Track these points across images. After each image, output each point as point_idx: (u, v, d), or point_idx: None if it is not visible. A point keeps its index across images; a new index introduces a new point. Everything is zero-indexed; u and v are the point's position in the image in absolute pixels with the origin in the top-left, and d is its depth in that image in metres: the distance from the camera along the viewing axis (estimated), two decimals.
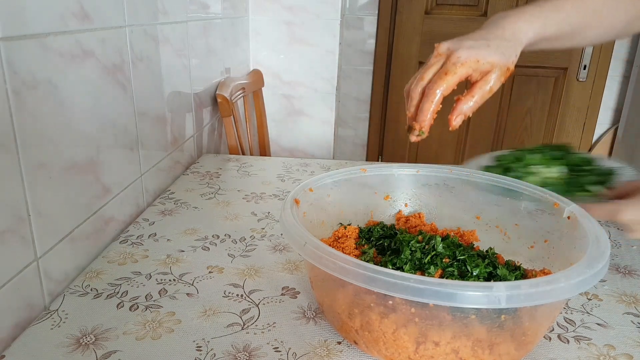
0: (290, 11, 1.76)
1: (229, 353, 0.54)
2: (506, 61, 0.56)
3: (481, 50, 0.55)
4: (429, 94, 0.55)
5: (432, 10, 2.01)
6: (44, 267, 0.63)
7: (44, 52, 0.61)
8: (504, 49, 0.56)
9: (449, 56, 0.56)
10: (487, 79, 0.55)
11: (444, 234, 0.66)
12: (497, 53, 0.55)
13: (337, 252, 0.48)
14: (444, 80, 0.55)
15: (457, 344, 0.48)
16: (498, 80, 0.56)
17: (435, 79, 0.55)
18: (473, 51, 0.55)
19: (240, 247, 0.78)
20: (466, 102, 0.56)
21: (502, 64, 0.55)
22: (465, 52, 0.55)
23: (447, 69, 0.55)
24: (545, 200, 0.65)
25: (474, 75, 0.56)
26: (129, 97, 0.85)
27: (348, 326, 0.54)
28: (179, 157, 1.12)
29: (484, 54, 0.55)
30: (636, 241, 0.84)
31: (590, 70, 2.02)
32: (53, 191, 0.64)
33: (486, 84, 0.55)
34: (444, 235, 0.63)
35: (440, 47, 0.57)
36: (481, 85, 0.56)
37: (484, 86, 0.56)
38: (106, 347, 0.55)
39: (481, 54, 0.55)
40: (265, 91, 1.84)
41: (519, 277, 0.58)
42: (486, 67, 0.55)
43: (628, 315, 0.63)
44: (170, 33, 1.03)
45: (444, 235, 0.64)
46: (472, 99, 0.56)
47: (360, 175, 0.73)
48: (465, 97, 0.56)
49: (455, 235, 0.65)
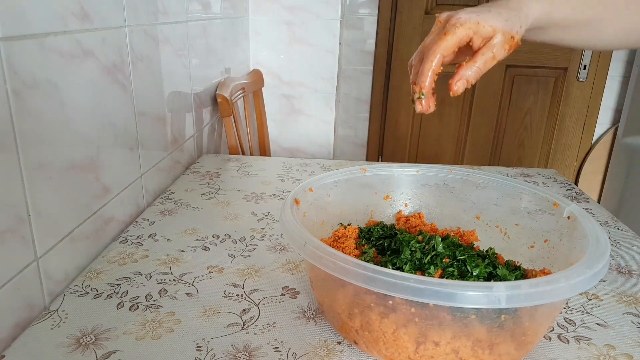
0: (290, 11, 1.76)
1: (229, 353, 0.54)
2: (510, 29, 0.54)
3: (482, 14, 0.53)
4: (428, 55, 0.54)
5: (432, 10, 2.01)
6: (44, 267, 0.63)
7: (44, 52, 0.61)
8: (507, 16, 0.54)
9: (449, 19, 0.55)
10: (490, 44, 0.54)
11: (444, 234, 0.66)
12: (499, 19, 0.53)
13: (337, 252, 0.48)
14: (443, 40, 0.53)
15: (457, 344, 0.48)
16: (502, 48, 0.54)
17: (435, 40, 0.54)
18: (473, 14, 0.53)
19: (240, 247, 0.78)
20: (469, 68, 0.54)
21: (506, 31, 0.54)
22: (465, 15, 0.54)
23: (446, 30, 0.54)
24: (545, 200, 0.65)
25: (476, 41, 0.54)
26: (129, 97, 0.85)
27: (348, 326, 0.54)
28: (179, 157, 1.12)
29: (484, 17, 0.53)
30: (636, 241, 0.85)
31: (590, 70, 2.02)
32: (53, 191, 0.64)
33: (489, 50, 0.54)
34: (444, 235, 0.63)
35: (440, 15, 0.56)
36: (484, 52, 0.54)
37: (486, 52, 0.54)
38: (106, 347, 0.55)
39: (482, 17, 0.53)
40: (265, 91, 1.84)
41: (519, 277, 0.58)
42: (488, 32, 0.53)
43: (628, 315, 0.63)
44: (170, 33, 1.03)
45: (444, 235, 0.64)
46: (475, 64, 0.54)
47: (360, 175, 0.73)
48: (468, 63, 0.55)
49: (455, 236, 0.65)
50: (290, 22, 1.77)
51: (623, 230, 0.89)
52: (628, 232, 0.88)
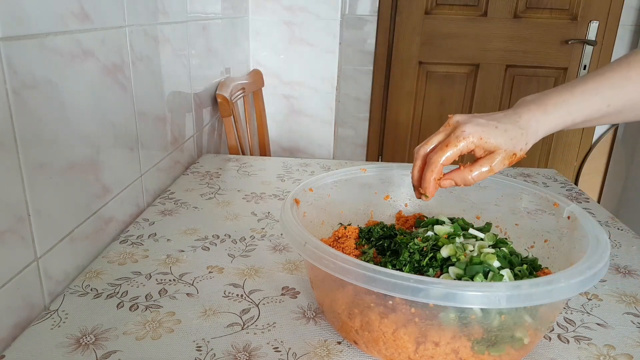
0: (290, 11, 1.76)
1: (229, 353, 0.54)
2: (513, 147, 0.54)
3: (487, 129, 0.54)
4: (430, 164, 0.55)
5: (432, 10, 2.01)
6: (44, 267, 0.63)
7: (44, 52, 0.61)
8: (513, 135, 0.54)
9: (456, 128, 0.55)
10: (490, 158, 0.55)
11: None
12: (503, 136, 0.54)
13: (337, 252, 0.48)
14: (444, 152, 0.54)
15: (457, 344, 0.48)
16: (501, 163, 0.55)
17: (437, 149, 0.55)
18: (479, 128, 0.54)
19: (240, 247, 0.78)
20: (462, 176, 0.56)
21: (508, 149, 0.54)
22: (471, 128, 0.54)
23: (449, 140, 0.55)
24: (545, 200, 0.65)
25: (478, 152, 0.55)
26: (129, 97, 0.85)
27: (348, 326, 0.54)
28: (179, 157, 1.12)
29: (488, 134, 0.54)
30: (636, 241, 0.84)
31: (590, 70, 2.02)
32: (53, 191, 0.64)
33: (488, 163, 0.55)
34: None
35: (451, 119, 0.57)
36: (482, 163, 0.55)
37: (485, 164, 0.55)
38: (106, 347, 0.55)
39: (486, 133, 0.54)
40: (265, 91, 1.84)
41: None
42: (490, 147, 0.54)
43: (628, 315, 0.63)
44: (170, 33, 1.03)
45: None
46: (470, 174, 0.55)
47: (360, 175, 0.73)
48: (463, 171, 0.56)
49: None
50: (290, 22, 1.77)
51: (623, 230, 0.89)
52: (628, 232, 0.88)
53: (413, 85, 2.10)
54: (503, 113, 0.57)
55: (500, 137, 0.54)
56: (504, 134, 0.54)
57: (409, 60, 2.07)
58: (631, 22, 1.98)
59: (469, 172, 0.56)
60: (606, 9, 1.95)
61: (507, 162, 0.55)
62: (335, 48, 1.80)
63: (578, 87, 0.56)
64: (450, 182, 0.56)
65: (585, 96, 0.56)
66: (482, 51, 2.03)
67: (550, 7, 1.96)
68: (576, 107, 0.56)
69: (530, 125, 0.55)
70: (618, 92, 0.56)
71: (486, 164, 0.55)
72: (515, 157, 0.55)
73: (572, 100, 0.56)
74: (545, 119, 0.55)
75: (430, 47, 2.05)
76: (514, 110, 0.57)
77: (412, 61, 2.07)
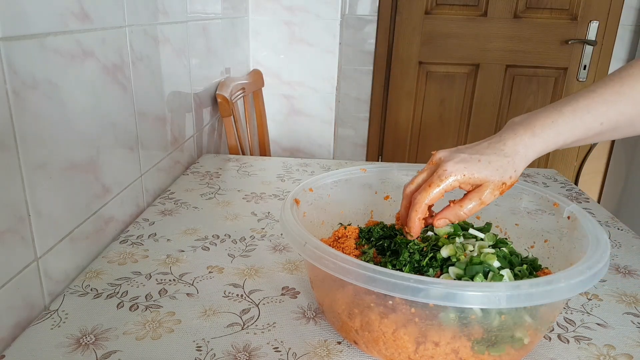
0: (290, 11, 1.76)
1: (229, 353, 0.54)
2: (500, 178, 0.53)
3: (470, 164, 0.53)
4: (414, 204, 0.55)
5: (432, 10, 2.01)
6: (44, 267, 0.63)
7: (44, 52, 0.61)
8: (498, 165, 0.53)
9: (438, 166, 0.54)
10: (479, 191, 0.54)
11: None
12: (488, 169, 0.52)
13: (337, 252, 0.48)
14: (428, 193, 0.53)
15: (457, 344, 0.48)
16: (491, 194, 0.54)
17: (421, 190, 0.54)
18: (461, 165, 0.53)
19: (240, 247, 0.78)
20: (453, 211, 0.55)
21: (496, 180, 0.53)
22: (452, 166, 0.53)
23: (432, 180, 0.54)
24: (545, 200, 0.65)
25: (465, 187, 0.54)
26: (129, 97, 0.85)
27: (348, 326, 0.54)
28: (179, 157, 1.12)
29: (471, 169, 0.52)
30: (636, 241, 0.84)
31: (590, 70, 2.02)
32: (53, 191, 0.64)
33: (477, 197, 0.54)
34: None
35: (435, 155, 0.56)
36: (472, 197, 0.54)
37: (474, 198, 0.54)
38: (106, 347, 0.55)
39: (469, 169, 0.52)
40: (265, 91, 1.84)
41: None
42: (476, 182, 0.53)
43: (628, 315, 0.63)
44: (170, 33, 1.03)
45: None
46: (461, 210, 0.55)
47: (360, 175, 0.73)
48: (454, 207, 0.55)
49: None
50: (290, 22, 1.77)
51: (623, 230, 0.89)
52: (628, 232, 0.88)
53: (413, 85, 2.10)
54: (487, 142, 0.55)
55: (484, 170, 0.53)
56: (489, 166, 0.53)
57: (409, 60, 2.07)
58: (631, 22, 1.98)
59: (459, 208, 0.55)
60: (606, 9, 1.95)
61: (497, 193, 0.54)
62: (335, 48, 1.80)
63: (568, 106, 0.54)
64: (445, 221, 0.56)
65: (576, 115, 0.54)
66: (482, 51, 2.03)
67: (550, 7, 1.96)
68: (566, 127, 0.54)
69: (518, 151, 0.53)
70: (611, 108, 0.53)
71: (475, 198, 0.54)
72: (506, 185, 0.54)
73: (561, 120, 0.53)
74: (533, 142, 0.53)
75: (430, 47, 2.05)
76: (499, 136, 0.55)
77: (412, 61, 2.07)
